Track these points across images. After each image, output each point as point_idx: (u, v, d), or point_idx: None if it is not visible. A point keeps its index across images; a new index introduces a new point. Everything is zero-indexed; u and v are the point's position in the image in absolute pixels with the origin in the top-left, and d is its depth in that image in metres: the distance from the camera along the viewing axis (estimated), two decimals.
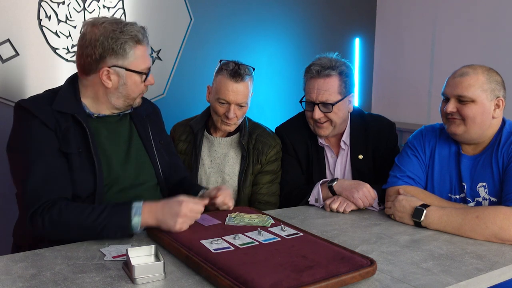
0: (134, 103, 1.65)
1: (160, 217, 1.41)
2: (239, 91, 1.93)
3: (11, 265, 1.21)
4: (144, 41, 1.57)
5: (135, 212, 1.40)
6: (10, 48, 2.24)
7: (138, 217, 1.40)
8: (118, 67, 1.54)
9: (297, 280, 1.07)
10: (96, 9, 2.44)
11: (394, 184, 1.80)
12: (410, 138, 1.90)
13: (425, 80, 3.36)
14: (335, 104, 1.97)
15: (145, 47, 1.59)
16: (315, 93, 1.98)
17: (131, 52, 1.54)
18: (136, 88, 1.60)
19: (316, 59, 2.05)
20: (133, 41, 1.53)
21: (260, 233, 1.38)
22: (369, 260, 1.19)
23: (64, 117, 1.52)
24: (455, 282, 1.17)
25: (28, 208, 1.39)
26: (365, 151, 2.07)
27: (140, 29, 1.57)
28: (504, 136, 1.67)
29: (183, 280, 1.15)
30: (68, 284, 1.11)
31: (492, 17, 2.95)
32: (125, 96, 1.60)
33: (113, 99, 1.59)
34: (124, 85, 1.57)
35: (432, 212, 1.59)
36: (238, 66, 1.93)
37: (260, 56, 3.12)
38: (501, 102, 1.66)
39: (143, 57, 1.58)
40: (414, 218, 1.61)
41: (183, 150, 2.06)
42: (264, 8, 3.10)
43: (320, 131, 2.04)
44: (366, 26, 3.65)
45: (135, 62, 1.56)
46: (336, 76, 1.98)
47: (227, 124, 1.98)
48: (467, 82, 1.64)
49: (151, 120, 1.80)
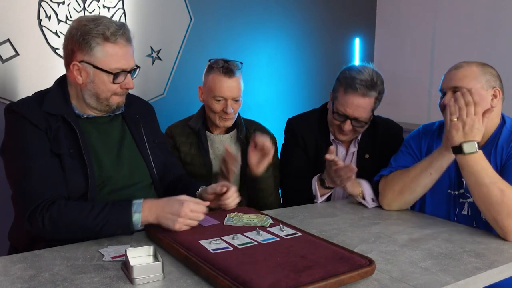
0: (111, 104, 1.59)
1: (161, 215, 1.41)
2: (233, 86, 1.98)
3: (10, 266, 1.22)
4: (116, 40, 1.51)
5: (135, 209, 1.40)
6: (10, 48, 2.24)
7: (139, 214, 1.40)
8: (85, 62, 1.51)
9: (295, 280, 1.07)
10: (96, 9, 2.45)
11: (382, 173, 1.84)
12: (407, 138, 1.92)
13: (425, 80, 3.35)
14: (367, 122, 2.03)
15: (119, 47, 1.52)
16: (352, 109, 1.98)
17: (99, 48, 1.49)
18: (104, 88, 1.54)
19: (356, 71, 1.98)
20: (101, 37, 1.49)
21: (259, 233, 1.38)
22: (368, 260, 1.19)
23: (54, 118, 1.51)
24: (454, 281, 1.17)
25: (26, 208, 1.39)
26: (372, 151, 2.11)
27: (114, 27, 1.51)
28: (504, 134, 1.67)
29: (181, 280, 1.15)
30: (66, 285, 1.11)
31: (492, 17, 2.95)
32: (95, 95, 1.55)
33: (86, 97, 1.56)
34: (92, 82, 1.53)
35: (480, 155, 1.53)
36: (227, 62, 1.99)
37: (260, 56, 3.12)
38: (497, 92, 1.66)
39: (115, 56, 1.51)
40: (464, 143, 1.54)
41: (186, 151, 2.06)
42: (264, 8, 3.10)
43: (341, 137, 2.09)
44: (366, 26, 3.65)
45: (103, 60, 1.50)
46: (375, 96, 2.00)
47: (226, 120, 2.03)
48: (461, 74, 1.67)
49: (145, 119, 1.78)
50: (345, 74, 2.02)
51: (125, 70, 1.55)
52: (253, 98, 3.09)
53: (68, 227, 1.39)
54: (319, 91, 3.33)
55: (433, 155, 1.68)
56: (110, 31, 1.49)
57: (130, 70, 1.57)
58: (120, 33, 1.51)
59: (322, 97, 2.93)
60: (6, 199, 1.62)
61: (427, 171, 1.69)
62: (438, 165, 1.66)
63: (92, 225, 1.38)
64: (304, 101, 3.28)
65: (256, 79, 3.12)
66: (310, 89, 3.39)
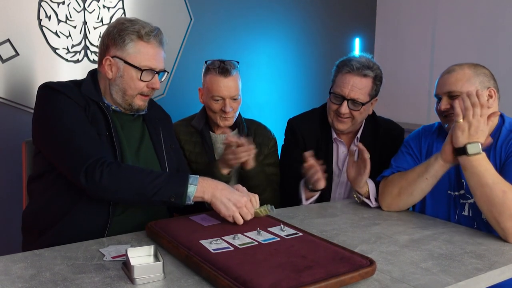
0: (133, 104, 1.64)
1: (218, 195, 1.44)
2: (230, 85, 2.01)
3: (10, 265, 1.21)
4: (150, 39, 1.59)
5: (192, 181, 1.44)
6: (10, 48, 2.24)
7: (195, 186, 1.43)
8: (117, 57, 1.58)
9: (296, 280, 1.07)
10: (96, 9, 2.45)
11: (384, 174, 1.84)
12: (407, 138, 1.92)
13: (425, 80, 3.36)
14: (364, 104, 2.01)
15: (151, 46, 1.60)
16: (348, 88, 2.00)
17: (131, 44, 1.57)
18: (132, 83, 1.60)
19: (353, 56, 2.07)
20: (135, 35, 1.57)
21: (260, 233, 1.38)
22: (369, 260, 1.19)
23: (91, 103, 1.58)
24: (454, 282, 1.17)
25: (83, 161, 1.42)
26: (373, 151, 2.09)
27: (150, 28, 1.60)
28: (503, 134, 1.67)
29: (182, 280, 1.15)
30: (67, 284, 1.11)
31: (492, 17, 2.95)
32: (122, 91, 1.61)
33: (113, 92, 1.63)
34: (121, 77, 1.60)
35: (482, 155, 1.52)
36: (223, 62, 2.02)
37: (260, 56, 3.12)
38: (493, 92, 1.66)
39: (146, 54, 1.59)
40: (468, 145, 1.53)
41: (191, 149, 2.09)
42: (264, 8, 3.10)
43: (339, 125, 2.07)
44: (366, 26, 3.65)
45: (134, 56, 1.58)
46: (372, 78, 2.02)
47: (226, 119, 2.06)
48: (454, 78, 1.68)
49: (163, 125, 1.83)
50: (342, 59, 2.09)
51: (153, 70, 1.61)
52: (253, 98, 3.09)
53: (126, 184, 1.43)
54: (319, 91, 3.33)
55: (430, 160, 1.67)
56: (144, 31, 1.58)
57: (158, 71, 1.64)
58: (154, 34, 1.60)
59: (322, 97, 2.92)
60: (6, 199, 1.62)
61: (423, 176, 1.68)
62: (433, 171, 1.65)
63: (150, 187, 1.42)
64: (304, 101, 3.28)
65: (256, 79, 3.12)
66: (310, 89, 3.39)
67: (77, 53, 2.42)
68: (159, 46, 1.63)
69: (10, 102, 2.25)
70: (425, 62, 3.36)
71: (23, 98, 2.30)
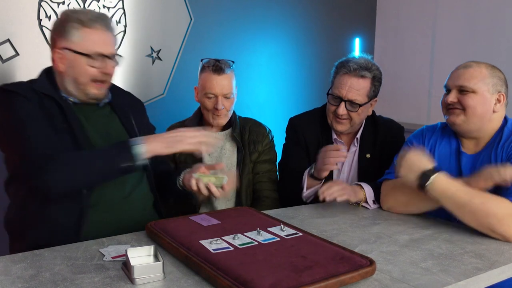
0: (88, 92, 1.60)
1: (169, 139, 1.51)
2: (224, 83, 2.04)
3: (10, 265, 1.21)
4: (93, 25, 1.55)
5: (133, 143, 1.47)
6: (10, 48, 2.24)
7: (140, 145, 1.47)
8: (65, 48, 1.56)
9: (296, 280, 1.07)
10: (96, 9, 2.44)
11: (387, 177, 1.83)
12: (410, 137, 1.91)
13: (425, 80, 3.36)
14: (362, 105, 2.00)
15: (97, 32, 1.56)
16: (345, 89, 1.99)
17: (76, 33, 1.54)
18: (82, 71, 1.57)
19: (351, 57, 2.07)
20: (77, 22, 1.54)
21: (260, 233, 1.38)
22: (369, 260, 1.19)
23: (45, 98, 1.55)
24: (454, 282, 1.17)
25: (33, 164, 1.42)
26: (373, 151, 2.11)
27: (92, 14, 1.58)
28: (506, 134, 1.67)
29: (182, 280, 1.15)
30: (67, 284, 1.11)
31: (492, 17, 2.95)
32: (74, 80, 1.58)
33: (67, 85, 1.60)
34: (71, 67, 1.57)
35: (440, 180, 1.53)
36: (218, 61, 2.05)
37: (260, 56, 3.12)
38: (502, 97, 1.66)
39: (93, 40, 1.56)
40: (420, 181, 1.56)
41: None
42: (264, 8, 3.10)
43: (337, 126, 2.07)
44: (366, 26, 3.65)
45: (79, 43, 1.55)
46: (370, 79, 2.01)
47: (218, 117, 2.08)
48: (469, 74, 1.66)
49: (135, 111, 1.80)
50: (341, 60, 2.08)
51: (102, 54, 1.58)
52: (253, 98, 3.09)
53: (74, 169, 1.43)
54: (319, 91, 3.32)
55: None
56: (87, 17, 1.56)
57: (110, 56, 1.60)
58: (97, 19, 1.57)
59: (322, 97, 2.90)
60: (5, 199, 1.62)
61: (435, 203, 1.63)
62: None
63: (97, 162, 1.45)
64: (304, 101, 3.28)
65: (256, 79, 3.12)
66: (310, 89, 3.39)
67: None
68: (106, 30, 1.59)
69: None
70: (425, 62, 3.36)
71: None
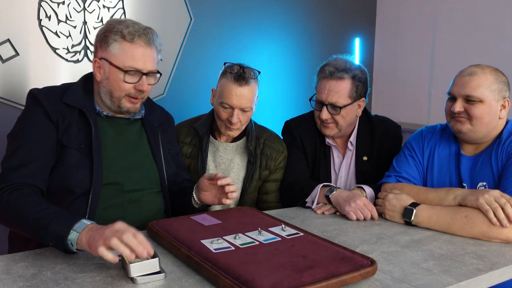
0: (122, 106, 1.59)
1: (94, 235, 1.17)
2: (243, 95, 1.84)
3: (12, 264, 1.21)
4: (134, 39, 1.52)
5: (78, 226, 1.21)
6: (10, 48, 2.24)
7: (77, 233, 1.20)
8: (103, 59, 1.55)
9: (297, 280, 1.07)
10: (96, 9, 2.44)
11: (387, 180, 1.83)
12: (409, 139, 1.90)
13: (425, 80, 3.36)
14: (343, 107, 1.97)
15: (136, 46, 1.53)
16: (325, 93, 1.98)
17: (115, 45, 1.53)
18: (117, 85, 1.55)
19: (331, 59, 2.04)
20: (119, 35, 1.52)
21: (261, 233, 1.38)
22: (370, 260, 1.19)
23: (70, 111, 1.54)
24: (455, 282, 1.17)
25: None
26: (370, 152, 2.08)
27: (134, 27, 1.54)
28: (505, 135, 1.67)
29: (183, 279, 1.15)
30: (68, 283, 1.11)
31: (492, 17, 2.95)
32: (109, 93, 1.57)
33: (102, 95, 1.60)
34: (107, 79, 1.56)
35: (422, 212, 1.60)
36: (243, 69, 1.84)
37: (260, 56, 3.12)
38: (507, 103, 1.66)
39: (130, 55, 1.53)
40: (405, 218, 1.63)
41: (188, 153, 1.99)
42: (264, 8, 3.10)
43: (325, 131, 2.05)
44: (366, 26, 3.66)
45: (117, 56, 1.53)
46: (349, 80, 1.98)
47: (230, 130, 1.92)
48: (475, 82, 1.62)
49: (163, 129, 1.78)
50: (321, 64, 2.07)
51: (139, 71, 1.55)
52: None
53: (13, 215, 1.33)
54: None
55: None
56: (128, 30, 1.53)
57: (146, 72, 1.57)
58: (138, 33, 1.53)
59: None
60: None
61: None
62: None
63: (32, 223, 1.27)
64: (304, 102, 3.25)
65: None
66: (310, 89, 3.38)
67: (77, 53, 2.42)
68: (147, 45, 1.54)
69: (10, 102, 2.25)
70: (425, 62, 3.36)
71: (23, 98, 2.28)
